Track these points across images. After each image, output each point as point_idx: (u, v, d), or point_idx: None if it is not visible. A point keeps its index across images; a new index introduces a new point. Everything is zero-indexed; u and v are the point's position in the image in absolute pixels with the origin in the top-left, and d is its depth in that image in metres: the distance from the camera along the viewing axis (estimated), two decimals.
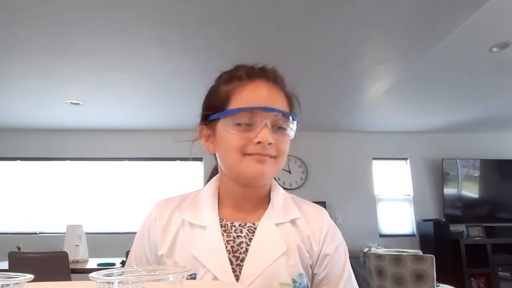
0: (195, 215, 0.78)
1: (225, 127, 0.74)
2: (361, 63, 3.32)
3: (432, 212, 5.35)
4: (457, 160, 5.34)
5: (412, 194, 5.47)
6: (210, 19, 2.60)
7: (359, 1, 2.39)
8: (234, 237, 0.76)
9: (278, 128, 0.74)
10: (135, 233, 0.85)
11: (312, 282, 0.77)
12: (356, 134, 5.52)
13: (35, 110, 4.40)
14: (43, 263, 2.77)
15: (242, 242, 0.75)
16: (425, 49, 3.01)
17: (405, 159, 5.58)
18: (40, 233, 4.90)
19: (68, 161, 5.16)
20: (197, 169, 5.12)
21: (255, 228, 0.77)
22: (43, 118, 4.68)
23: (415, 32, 2.76)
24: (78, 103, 4.16)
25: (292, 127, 0.77)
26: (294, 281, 0.72)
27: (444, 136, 5.55)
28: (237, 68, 0.81)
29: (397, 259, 2.53)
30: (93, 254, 3.91)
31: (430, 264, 2.44)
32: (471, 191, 5.35)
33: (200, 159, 4.94)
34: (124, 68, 3.30)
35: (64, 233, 3.76)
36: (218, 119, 0.75)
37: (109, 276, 0.41)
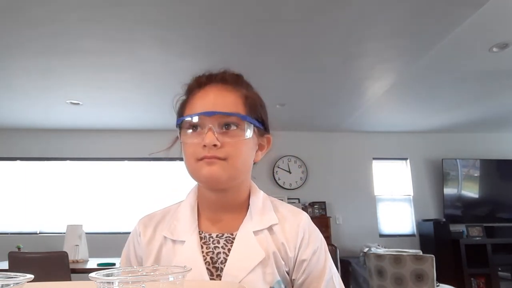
0: (174, 230, 0.80)
1: (181, 137, 0.78)
2: (361, 63, 3.32)
3: (432, 212, 5.35)
4: (457, 160, 5.34)
5: (412, 194, 5.47)
6: (210, 19, 2.60)
7: (359, 1, 2.39)
8: (212, 248, 0.77)
9: (227, 128, 0.74)
10: None
11: (292, 287, 0.78)
12: (356, 134, 5.52)
13: (35, 110, 4.40)
14: (43, 263, 2.77)
15: (220, 252, 0.76)
16: (425, 49, 3.01)
17: (405, 159, 5.58)
18: (40, 233, 4.90)
19: (68, 161, 5.16)
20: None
21: (234, 238, 0.77)
22: (43, 118, 4.68)
23: (415, 32, 2.76)
24: (78, 103, 4.16)
25: (246, 127, 0.76)
26: None
27: (444, 136, 5.55)
28: (192, 79, 0.83)
29: (397, 259, 2.53)
30: (93, 254, 3.90)
31: (430, 264, 2.44)
32: (471, 191, 5.35)
33: None
34: (124, 68, 3.30)
35: (64, 233, 3.76)
36: (180, 129, 0.79)
37: (109, 276, 0.41)
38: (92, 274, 0.39)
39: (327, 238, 4.78)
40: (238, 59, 3.16)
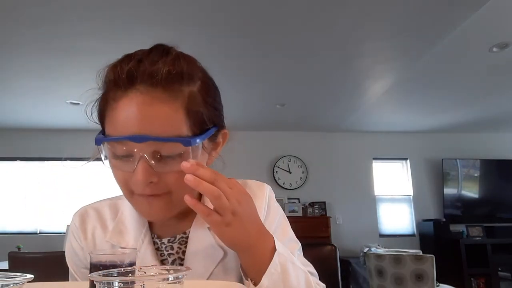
0: (121, 236, 0.68)
1: (106, 155, 0.60)
2: (361, 63, 3.32)
3: (432, 212, 5.35)
4: (457, 160, 5.34)
5: (412, 194, 5.47)
6: (210, 19, 2.60)
7: (359, 2, 2.39)
8: (167, 255, 0.68)
9: (167, 157, 0.56)
10: None
11: None
12: (356, 134, 5.52)
13: (35, 110, 4.40)
14: (43, 263, 2.76)
15: (175, 259, 0.68)
16: (425, 49, 3.01)
17: (405, 159, 5.58)
18: (40, 233, 4.90)
19: (67, 161, 5.15)
20: None
21: (187, 238, 0.68)
22: (43, 118, 4.68)
23: (415, 32, 2.75)
24: (78, 103, 4.16)
25: (191, 151, 0.56)
26: None
27: (444, 136, 5.55)
28: (109, 70, 0.61)
29: (397, 259, 2.53)
30: None
31: (430, 264, 2.44)
32: (471, 191, 5.35)
33: None
34: None
35: (64, 233, 3.76)
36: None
37: (109, 276, 0.41)
38: (92, 274, 0.39)
39: (327, 238, 4.78)
40: (238, 60, 3.16)
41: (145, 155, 0.55)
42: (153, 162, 0.55)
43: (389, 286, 2.55)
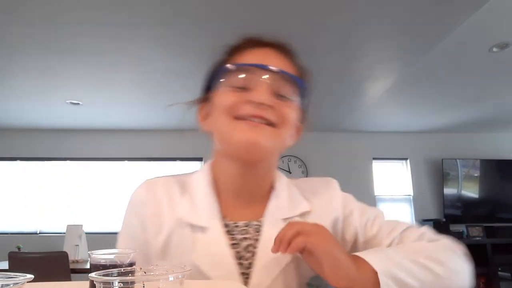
0: (192, 212, 0.65)
1: (220, 92, 0.65)
2: (361, 63, 3.32)
3: (432, 212, 5.35)
4: (457, 160, 5.34)
5: (412, 194, 5.47)
6: (210, 19, 2.60)
7: (359, 1, 2.39)
8: (239, 240, 0.65)
9: (282, 96, 0.64)
10: None
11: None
12: (356, 134, 5.52)
13: (35, 110, 4.39)
14: (43, 263, 2.77)
15: (249, 245, 0.64)
16: (425, 49, 3.01)
17: (405, 159, 5.58)
18: (40, 233, 4.90)
19: (68, 161, 5.16)
20: (197, 169, 5.10)
21: (261, 226, 0.66)
22: (43, 118, 4.68)
23: (415, 32, 2.75)
24: (78, 103, 4.16)
25: (300, 99, 0.66)
26: (309, 284, 0.63)
27: (444, 136, 5.55)
28: (239, 39, 0.73)
29: None
30: None
31: None
32: (471, 191, 5.35)
33: (200, 159, 4.94)
34: (124, 68, 3.30)
35: (64, 233, 3.76)
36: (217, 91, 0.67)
37: (109, 276, 0.41)
38: (92, 274, 0.39)
39: None
40: None
41: (270, 83, 0.62)
42: (272, 93, 0.63)
43: None
